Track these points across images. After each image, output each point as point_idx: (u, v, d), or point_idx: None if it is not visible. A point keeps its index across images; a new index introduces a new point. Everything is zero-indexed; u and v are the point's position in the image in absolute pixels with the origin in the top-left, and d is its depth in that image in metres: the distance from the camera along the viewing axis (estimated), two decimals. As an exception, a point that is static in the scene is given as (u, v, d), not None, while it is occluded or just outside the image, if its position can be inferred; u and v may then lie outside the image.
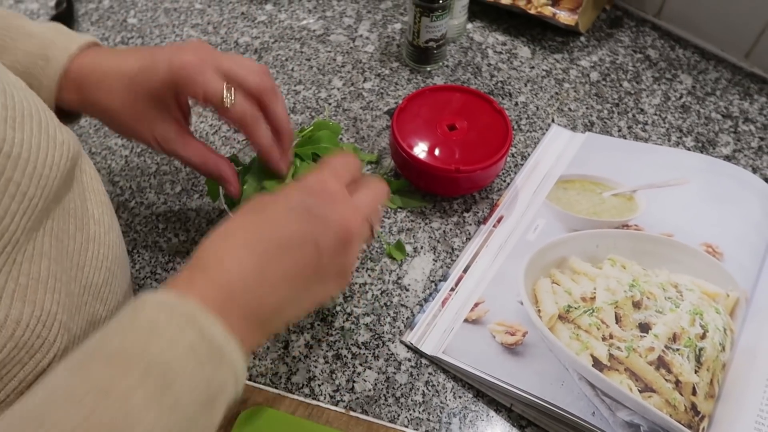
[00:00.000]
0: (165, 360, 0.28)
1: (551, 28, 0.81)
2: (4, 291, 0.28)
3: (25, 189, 0.28)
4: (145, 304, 0.30)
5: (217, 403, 0.30)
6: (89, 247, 0.35)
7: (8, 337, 0.28)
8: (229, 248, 0.34)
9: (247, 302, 0.32)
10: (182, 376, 0.28)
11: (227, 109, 0.43)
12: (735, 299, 0.52)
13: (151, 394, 0.27)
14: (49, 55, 0.43)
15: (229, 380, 0.31)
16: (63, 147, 0.32)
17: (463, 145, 0.60)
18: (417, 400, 0.50)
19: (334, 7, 0.83)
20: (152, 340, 0.28)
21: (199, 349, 0.29)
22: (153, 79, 0.43)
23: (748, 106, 0.73)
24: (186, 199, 0.62)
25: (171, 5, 0.83)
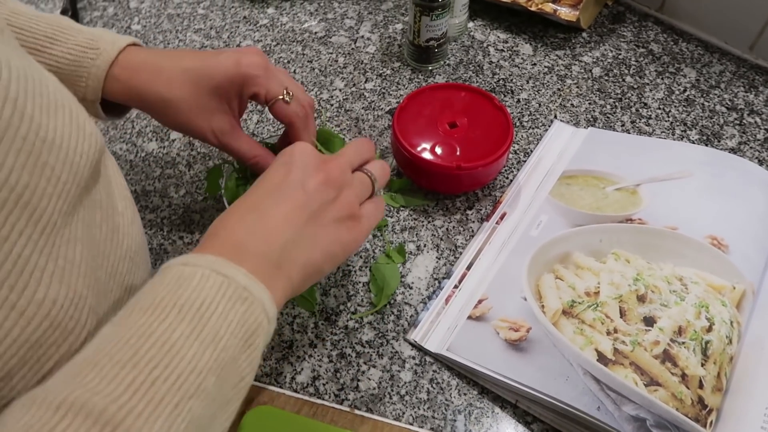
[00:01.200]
0: (196, 301, 0.31)
1: (553, 25, 0.80)
2: (44, 271, 0.29)
3: (59, 173, 0.30)
4: (170, 266, 0.33)
5: (255, 342, 0.33)
6: (114, 237, 0.37)
7: (44, 315, 0.30)
8: (231, 214, 0.38)
9: (256, 247, 0.36)
10: (216, 314, 0.31)
11: (286, 105, 0.48)
12: (741, 291, 0.52)
13: (190, 329, 0.30)
14: (100, 47, 0.46)
15: (261, 318, 0.33)
16: (91, 138, 0.33)
17: (465, 142, 0.60)
18: (422, 397, 0.50)
19: (336, 9, 0.84)
20: (181, 289, 0.31)
21: (226, 291, 0.32)
22: (219, 73, 0.47)
23: (753, 98, 0.72)
24: (190, 201, 0.63)
25: (174, 11, 0.83)
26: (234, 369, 0.32)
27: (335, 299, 0.55)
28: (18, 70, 0.28)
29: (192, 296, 0.31)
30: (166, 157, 0.67)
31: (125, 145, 0.68)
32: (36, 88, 0.30)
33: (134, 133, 0.69)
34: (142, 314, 0.30)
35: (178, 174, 0.65)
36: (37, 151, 0.29)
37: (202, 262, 0.33)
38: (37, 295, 0.29)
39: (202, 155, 0.67)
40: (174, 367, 0.28)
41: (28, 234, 0.28)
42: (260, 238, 0.36)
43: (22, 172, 0.28)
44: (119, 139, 0.68)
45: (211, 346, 0.30)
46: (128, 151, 0.67)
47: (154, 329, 0.29)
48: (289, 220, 0.38)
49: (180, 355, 0.29)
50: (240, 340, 0.32)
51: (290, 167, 0.40)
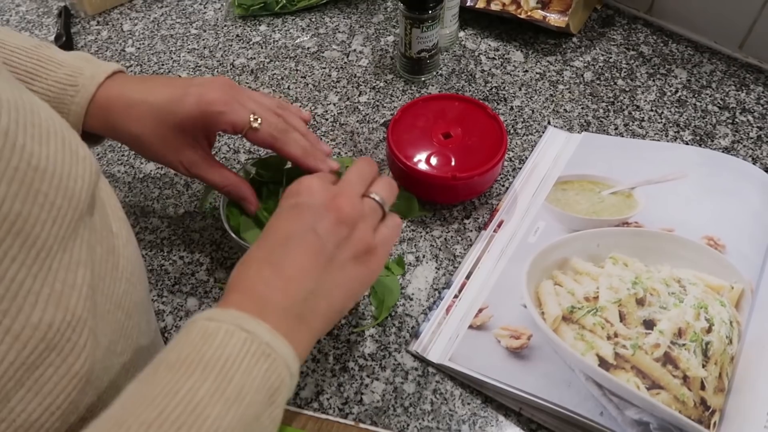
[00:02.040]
0: (221, 359, 0.31)
1: (543, 32, 0.81)
2: (39, 296, 0.30)
3: (53, 199, 0.30)
4: (195, 320, 0.34)
5: (278, 399, 0.33)
6: (110, 259, 0.37)
7: (40, 338, 0.30)
8: (249, 267, 0.38)
9: (277, 301, 0.36)
10: (240, 372, 0.31)
11: (256, 132, 0.49)
12: (740, 291, 0.52)
13: (215, 388, 0.30)
14: (79, 83, 0.47)
15: (284, 374, 0.33)
16: (85, 162, 0.34)
17: (459, 152, 0.61)
18: (426, 408, 0.50)
19: (327, 23, 0.84)
20: (206, 345, 0.32)
21: (250, 348, 0.32)
22: (181, 112, 0.48)
23: (745, 96, 0.73)
24: (189, 221, 0.63)
25: (167, 32, 0.84)
26: (257, 426, 0.32)
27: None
28: (9, 101, 0.29)
29: (216, 353, 0.32)
30: (164, 178, 0.67)
31: (123, 167, 0.68)
32: (27, 117, 0.30)
33: (132, 155, 0.70)
34: (168, 371, 0.31)
35: (177, 194, 0.66)
36: (29, 180, 0.29)
37: (227, 317, 0.33)
38: (31, 319, 0.29)
39: (199, 174, 0.67)
40: (198, 428, 0.29)
41: (21, 260, 0.29)
42: (280, 292, 0.37)
43: (15, 201, 0.28)
44: (117, 161, 0.69)
45: (235, 405, 0.31)
46: (126, 173, 0.68)
47: (179, 388, 0.30)
48: (307, 270, 0.38)
49: (204, 415, 0.29)
50: (263, 397, 0.32)
51: (299, 211, 0.40)
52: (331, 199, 0.41)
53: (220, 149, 0.70)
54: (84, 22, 0.86)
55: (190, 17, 0.86)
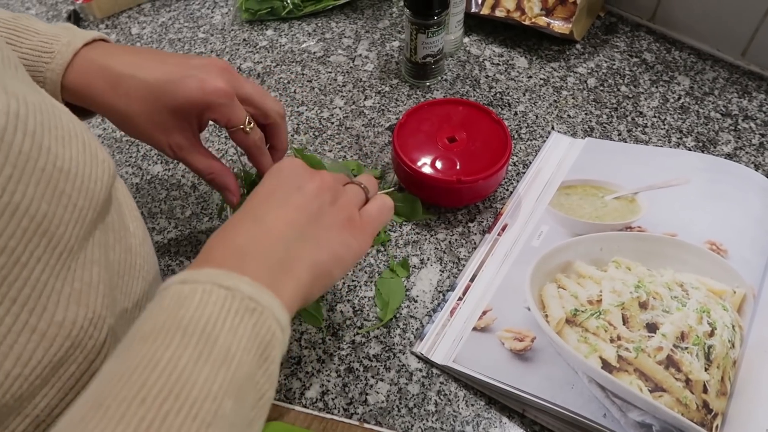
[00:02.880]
0: (200, 321, 0.28)
1: (547, 38, 0.82)
2: (61, 294, 0.30)
3: (75, 201, 0.31)
4: (167, 286, 0.31)
5: (271, 354, 0.30)
6: (127, 258, 0.38)
7: (65, 336, 0.30)
8: (226, 226, 0.36)
9: (256, 249, 0.33)
10: (224, 331, 0.29)
11: (246, 135, 0.48)
12: (742, 295, 0.52)
13: (198, 354, 0.27)
14: (54, 50, 0.44)
15: (273, 327, 0.31)
16: (104, 164, 0.34)
17: (464, 156, 0.61)
18: (430, 409, 0.50)
19: (333, 28, 0.85)
20: (182, 309, 0.29)
21: (231, 305, 0.29)
22: (182, 96, 0.45)
23: (747, 103, 0.73)
24: (196, 222, 0.64)
25: (175, 36, 0.85)
26: (252, 387, 0.29)
27: (341, 315, 0.56)
28: (34, 104, 0.29)
29: (195, 316, 0.29)
30: (171, 179, 0.68)
31: (130, 168, 0.69)
32: (51, 120, 0.31)
33: (139, 157, 0.70)
34: (144, 343, 0.28)
35: (184, 195, 0.66)
36: (55, 181, 0.30)
37: (202, 277, 0.30)
38: (56, 317, 0.30)
39: (206, 176, 0.68)
40: (186, 397, 0.26)
41: (46, 260, 0.29)
42: (260, 240, 0.34)
43: (41, 202, 0.29)
44: (125, 162, 0.70)
45: (223, 367, 0.28)
46: (134, 174, 0.69)
47: (159, 358, 0.27)
48: (290, 222, 0.36)
49: (191, 382, 0.27)
50: (254, 355, 0.30)
51: (283, 177, 0.39)
52: (314, 172, 0.40)
53: (227, 151, 0.71)
54: (93, 25, 0.87)
55: (198, 21, 0.87)
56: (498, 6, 0.80)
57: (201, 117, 0.48)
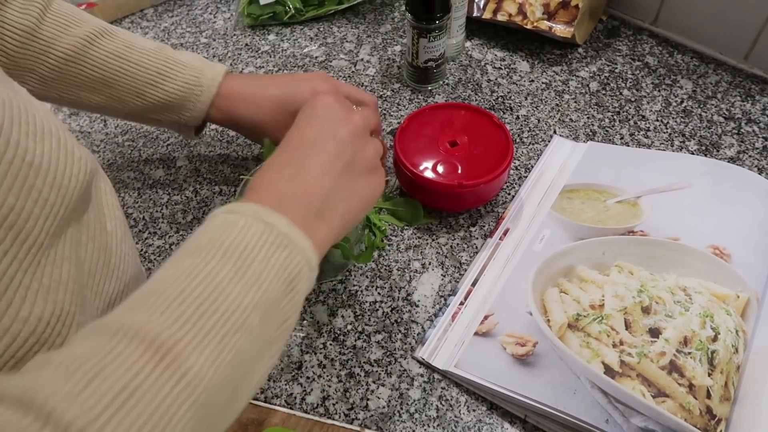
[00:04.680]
0: (240, 245, 0.32)
1: (549, 42, 0.82)
2: (28, 290, 0.31)
3: (46, 196, 0.31)
4: (215, 214, 0.35)
5: (297, 287, 0.34)
6: (101, 257, 0.38)
7: (30, 332, 0.31)
8: (269, 170, 0.40)
9: (296, 196, 0.37)
10: (258, 258, 0.32)
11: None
12: (745, 300, 0.52)
13: (234, 271, 0.31)
14: (203, 84, 0.57)
15: (302, 264, 0.34)
16: (80, 162, 0.35)
17: (466, 160, 0.61)
18: (431, 415, 0.50)
19: (335, 33, 0.85)
20: (225, 233, 0.33)
21: (268, 238, 0.33)
22: (300, 99, 0.56)
23: (750, 107, 0.73)
24: (197, 227, 0.64)
25: (177, 41, 0.85)
26: (277, 310, 0.33)
27: (343, 320, 0.56)
28: (3, 100, 0.30)
29: (236, 241, 0.32)
30: (173, 184, 0.68)
31: (132, 173, 0.69)
32: (22, 116, 0.31)
33: (141, 161, 0.70)
34: (188, 256, 0.32)
35: (185, 200, 0.66)
36: (24, 175, 0.30)
37: (246, 210, 0.34)
38: (21, 313, 0.30)
39: (208, 181, 0.68)
40: (219, 304, 0.30)
41: (14, 254, 0.30)
42: (300, 190, 0.38)
43: (8, 195, 0.29)
44: (127, 167, 0.70)
45: (254, 288, 0.32)
46: (135, 178, 0.69)
47: (200, 270, 0.31)
48: (327, 172, 0.40)
49: (225, 293, 0.31)
50: (282, 283, 0.33)
51: (318, 120, 0.42)
52: (348, 114, 0.43)
53: (229, 155, 0.71)
54: (96, 30, 0.87)
55: (200, 26, 0.87)
56: (500, 10, 0.80)
57: None
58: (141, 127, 0.74)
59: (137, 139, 0.73)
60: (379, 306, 0.57)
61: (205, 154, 0.71)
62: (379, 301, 0.57)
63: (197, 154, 0.71)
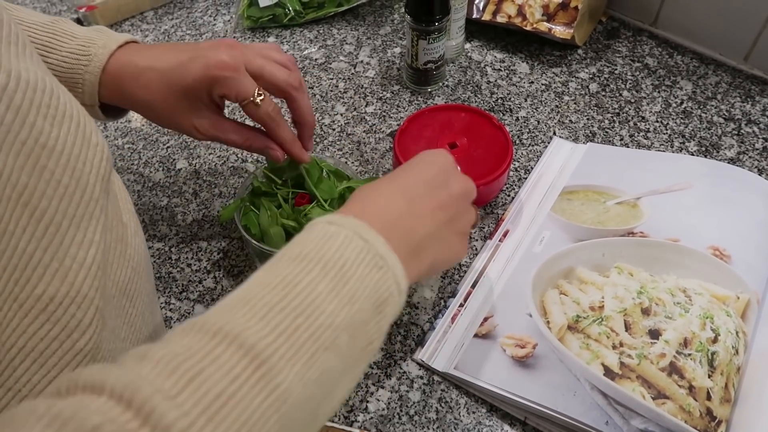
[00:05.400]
0: (340, 260, 0.33)
1: (548, 43, 0.82)
2: (47, 269, 0.31)
3: (59, 177, 0.32)
4: (316, 223, 0.35)
5: (385, 310, 0.34)
6: (118, 246, 0.38)
7: (41, 309, 0.31)
8: (381, 191, 0.40)
9: (401, 228, 0.38)
10: (355, 276, 0.33)
11: (256, 108, 0.49)
12: (746, 301, 0.52)
13: (331, 286, 0.32)
14: (91, 52, 0.48)
15: (393, 288, 0.35)
16: (97, 148, 0.35)
17: (466, 162, 0.61)
18: (431, 417, 0.50)
19: (335, 35, 0.85)
20: (327, 245, 0.33)
21: (366, 256, 0.34)
22: (188, 76, 0.48)
23: (750, 108, 0.73)
24: (197, 229, 0.64)
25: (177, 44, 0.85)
26: (364, 332, 0.33)
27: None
28: (27, 81, 0.30)
29: (336, 255, 0.33)
30: (173, 186, 0.68)
31: (132, 175, 0.69)
32: (44, 99, 0.31)
33: (141, 164, 0.70)
34: (290, 263, 0.32)
35: (185, 202, 0.66)
36: (36, 156, 0.30)
37: (347, 223, 0.35)
38: (36, 290, 0.30)
39: (207, 183, 0.68)
40: (315, 319, 0.30)
41: (32, 231, 0.30)
42: (405, 220, 0.38)
43: (21, 173, 0.29)
44: (127, 169, 0.70)
45: (347, 306, 0.32)
46: (135, 181, 0.69)
47: (300, 279, 0.31)
48: (434, 216, 0.40)
49: (321, 308, 0.31)
50: (372, 305, 0.33)
51: (438, 168, 0.42)
52: (463, 177, 0.44)
53: (228, 158, 0.71)
54: (96, 33, 0.88)
55: (200, 29, 0.88)
56: (499, 12, 0.80)
57: (211, 94, 0.49)
58: (140, 130, 0.74)
59: (137, 141, 0.73)
60: (379, 308, 0.57)
61: (205, 156, 0.71)
62: (378, 303, 0.57)
63: (197, 156, 0.71)
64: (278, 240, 0.53)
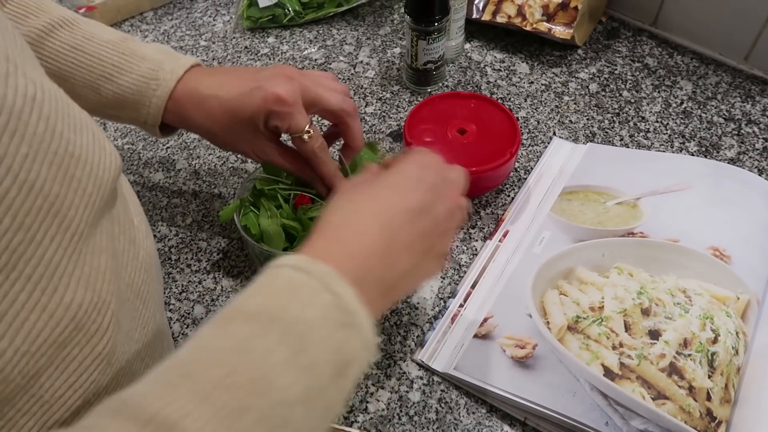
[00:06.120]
0: (302, 321, 0.30)
1: (548, 43, 0.82)
2: (72, 277, 0.31)
3: (84, 186, 0.32)
4: (283, 266, 0.32)
5: (348, 372, 0.31)
6: (130, 249, 0.39)
7: (71, 318, 0.31)
8: (359, 217, 0.37)
9: (376, 271, 0.35)
10: (317, 341, 0.30)
11: (303, 143, 0.51)
12: (746, 302, 0.52)
13: (289, 356, 0.29)
14: (160, 77, 0.50)
15: (359, 348, 0.32)
16: (111, 156, 0.36)
17: (474, 147, 0.63)
18: (431, 417, 0.50)
19: (334, 35, 0.85)
20: (291, 300, 0.30)
21: (333, 314, 0.31)
22: (248, 107, 0.50)
23: (751, 108, 0.73)
24: (197, 230, 0.64)
25: (177, 44, 0.85)
26: (323, 399, 0.30)
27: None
28: (50, 91, 0.31)
29: (298, 314, 0.30)
30: (173, 187, 0.68)
31: (132, 176, 0.69)
32: (65, 108, 0.32)
33: (141, 164, 0.70)
34: (246, 323, 0.30)
35: (185, 203, 0.66)
36: (66, 165, 0.31)
37: (315, 271, 0.32)
38: (65, 299, 0.31)
39: (207, 184, 0.68)
40: (266, 397, 0.28)
41: (59, 241, 0.30)
42: (383, 260, 0.35)
43: (54, 183, 0.30)
44: (126, 170, 0.70)
45: (304, 374, 0.29)
46: (135, 181, 0.69)
47: (254, 346, 0.29)
48: (412, 248, 0.37)
49: (274, 383, 0.28)
50: (334, 369, 0.31)
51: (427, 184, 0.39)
52: (453, 192, 0.41)
53: (228, 158, 0.71)
54: (95, 33, 0.88)
55: (200, 29, 0.88)
56: (499, 12, 0.80)
57: (268, 123, 0.51)
58: (140, 130, 0.74)
59: (137, 142, 0.73)
60: (379, 308, 0.57)
61: (205, 156, 0.71)
62: (378, 304, 0.57)
63: (197, 156, 0.71)
64: (278, 240, 0.53)
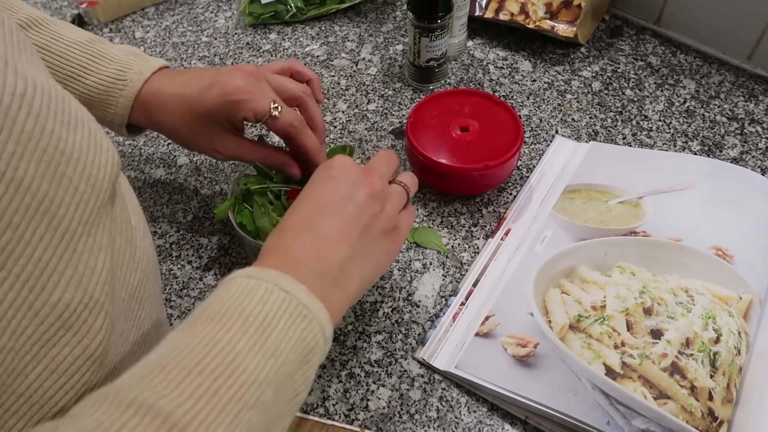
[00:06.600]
0: (261, 313, 0.33)
1: (551, 41, 0.81)
2: (62, 276, 0.31)
3: (76, 184, 0.32)
4: (235, 277, 0.35)
5: (311, 359, 0.34)
6: (128, 249, 0.38)
7: (57, 317, 0.31)
8: (284, 233, 0.40)
9: (313, 265, 0.37)
10: (277, 329, 0.33)
11: (276, 118, 0.50)
12: (748, 301, 0.52)
13: (253, 341, 0.31)
14: (127, 78, 0.51)
15: (318, 336, 0.34)
16: (108, 153, 0.35)
17: (478, 144, 0.63)
18: (431, 416, 0.50)
19: (337, 32, 0.85)
20: (246, 300, 0.33)
21: (288, 307, 0.34)
22: (207, 101, 0.50)
23: (754, 107, 0.73)
24: (198, 226, 0.64)
25: (178, 39, 0.85)
26: (290, 384, 0.33)
27: (343, 320, 0.56)
28: (43, 88, 0.30)
29: (256, 309, 0.33)
30: (174, 183, 0.68)
31: (133, 172, 0.69)
32: (58, 105, 0.32)
33: (142, 160, 0.70)
34: (209, 322, 0.32)
35: (186, 200, 0.66)
36: (56, 163, 0.30)
37: (266, 276, 0.34)
38: (51, 298, 0.31)
39: (208, 180, 0.68)
40: (236, 378, 0.30)
41: (48, 239, 0.30)
42: (318, 256, 0.38)
43: (42, 181, 0.29)
44: (128, 166, 0.70)
45: (271, 360, 0.32)
46: (136, 178, 0.69)
47: (219, 338, 0.31)
48: (344, 236, 0.39)
49: (243, 366, 0.30)
50: (298, 356, 0.33)
51: (335, 181, 0.42)
52: (365, 175, 0.43)
53: (229, 155, 0.70)
54: (97, 29, 0.87)
55: (201, 25, 0.87)
56: (502, 9, 0.80)
57: (231, 118, 0.51)
58: (142, 126, 0.74)
59: (138, 138, 0.73)
60: (380, 306, 0.57)
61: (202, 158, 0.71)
62: (379, 302, 0.57)
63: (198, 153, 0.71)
64: None
